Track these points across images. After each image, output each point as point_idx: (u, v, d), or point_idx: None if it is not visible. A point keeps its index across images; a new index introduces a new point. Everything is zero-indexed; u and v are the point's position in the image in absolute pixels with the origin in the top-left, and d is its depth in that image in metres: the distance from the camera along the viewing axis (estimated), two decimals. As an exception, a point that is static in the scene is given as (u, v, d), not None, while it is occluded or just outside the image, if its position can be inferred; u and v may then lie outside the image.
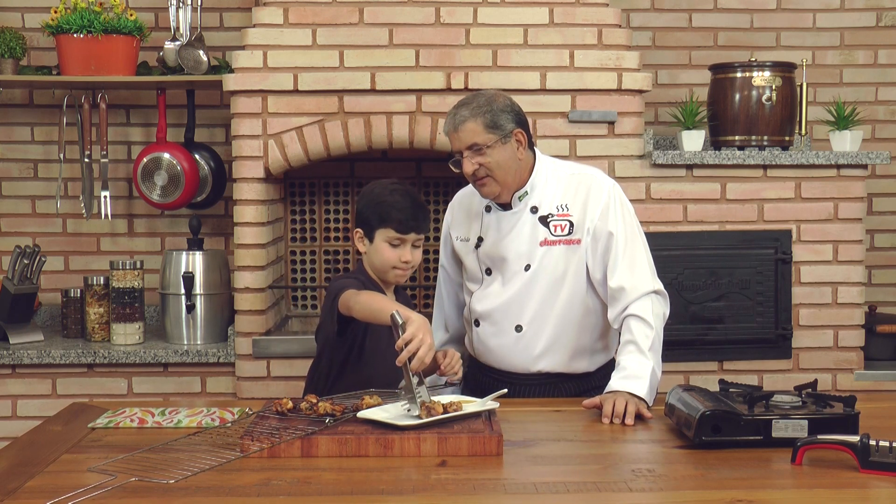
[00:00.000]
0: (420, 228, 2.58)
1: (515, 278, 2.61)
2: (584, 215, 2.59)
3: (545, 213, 2.61)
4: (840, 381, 3.69)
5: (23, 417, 3.60)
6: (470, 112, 2.53)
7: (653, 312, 2.52)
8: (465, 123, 2.52)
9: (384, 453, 2.01)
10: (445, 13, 3.54)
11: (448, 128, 2.57)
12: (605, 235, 2.57)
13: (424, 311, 4.06)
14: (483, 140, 2.52)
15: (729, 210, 3.65)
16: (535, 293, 2.59)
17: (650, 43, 4.22)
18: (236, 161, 3.56)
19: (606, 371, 2.63)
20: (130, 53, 3.77)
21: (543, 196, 2.62)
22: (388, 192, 2.58)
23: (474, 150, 2.53)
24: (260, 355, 3.56)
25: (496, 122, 2.53)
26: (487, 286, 2.66)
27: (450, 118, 2.57)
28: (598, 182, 2.64)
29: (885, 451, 1.85)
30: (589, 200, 2.60)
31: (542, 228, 2.60)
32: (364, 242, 2.61)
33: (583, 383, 2.68)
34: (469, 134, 2.52)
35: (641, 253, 2.60)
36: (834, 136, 3.76)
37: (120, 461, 1.95)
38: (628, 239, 2.58)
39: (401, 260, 2.56)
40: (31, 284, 3.74)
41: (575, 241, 2.59)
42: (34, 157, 4.10)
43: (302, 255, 4.04)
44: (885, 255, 4.29)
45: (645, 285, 2.55)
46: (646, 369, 2.44)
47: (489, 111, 2.53)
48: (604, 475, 1.90)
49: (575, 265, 2.59)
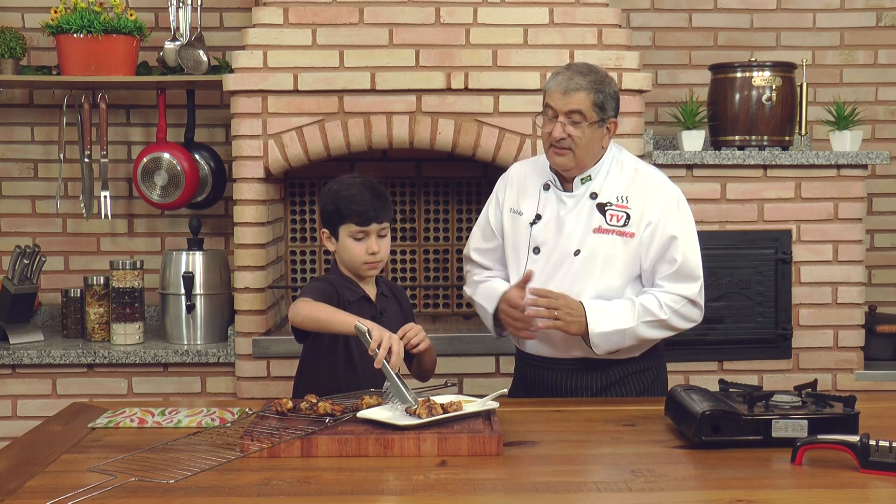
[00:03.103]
0: (380, 217, 2.53)
1: (564, 261, 2.58)
2: (642, 211, 2.57)
3: (604, 200, 2.59)
4: (840, 381, 3.69)
5: (23, 417, 3.60)
6: (587, 83, 2.52)
7: (674, 310, 2.53)
8: (578, 91, 2.51)
9: (384, 453, 2.01)
10: (445, 13, 3.54)
11: (556, 85, 2.53)
12: (665, 237, 2.55)
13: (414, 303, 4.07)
14: (587, 114, 2.51)
15: (729, 210, 3.65)
16: (581, 278, 2.56)
17: (650, 43, 4.22)
18: (236, 161, 3.56)
19: (652, 353, 2.65)
20: (130, 53, 3.77)
21: (605, 184, 2.61)
22: (345, 187, 2.55)
23: (573, 119, 2.52)
24: (260, 355, 3.56)
25: (603, 105, 2.53)
26: (533, 266, 2.61)
27: (561, 78, 2.53)
28: (662, 182, 2.64)
29: (885, 451, 1.86)
30: (650, 197, 2.59)
31: (598, 216, 2.58)
32: (332, 241, 2.59)
33: (629, 367, 2.64)
34: (576, 102, 2.50)
35: (696, 263, 2.58)
36: (834, 136, 3.77)
37: (120, 461, 1.95)
38: (688, 250, 2.56)
39: (368, 252, 2.53)
40: (31, 284, 3.74)
41: (629, 234, 2.56)
42: (34, 157, 4.10)
43: (302, 255, 4.04)
44: (885, 255, 4.29)
45: (685, 291, 2.55)
46: (620, 321, 2.48)
47: (602, 91, 2.53)
48: (604, 475, 1.91)
49: (624, 257, 2.56)
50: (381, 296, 2.64)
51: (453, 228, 4.07)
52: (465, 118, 3.52)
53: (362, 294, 2.58)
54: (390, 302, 2.66)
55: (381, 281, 2.68)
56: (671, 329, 2.57)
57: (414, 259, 4.08)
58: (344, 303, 2.52)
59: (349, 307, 2.50)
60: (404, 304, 2.73)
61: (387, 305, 2.64)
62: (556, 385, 2.64)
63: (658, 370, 2.71)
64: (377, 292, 2.63)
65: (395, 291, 2.72)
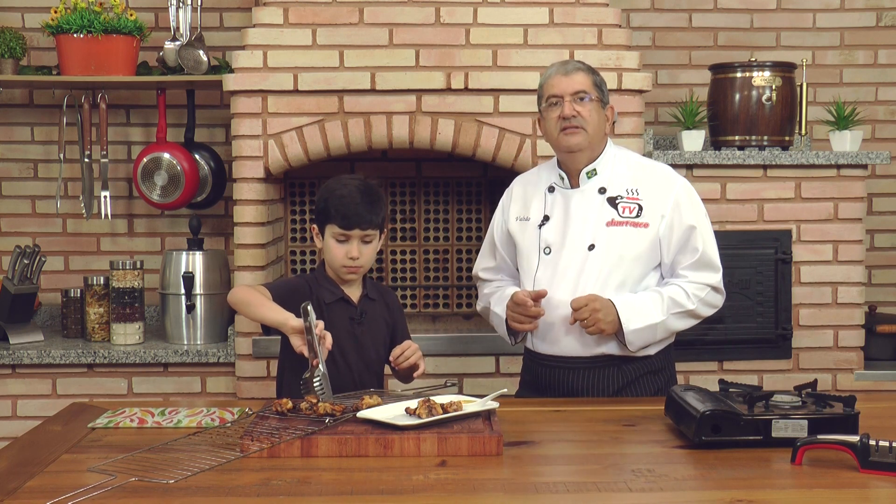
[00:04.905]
0: (364, 224, 2.50)
1: (578, 257, 2.58)
2: (654, 201, 2.59)
3: (614, 194, 2.61)
4: (840, 381, 3.69)
5: (23, 417, 3.60)
6: (584, 66, 2.64)
7: (700, 298, 2.57)
8: (578, 72, 2.61)
9: (384, 453, 2.01)
10: (445, 13, 3.54)
11: (555, 72, 2.62)
12: (684, 227, 2.58)
13: (414, 303, 4.07)
14: (591, 92, 2.58)
15: (729, 210, 3.65)
16: (596, 273, 2.56)
17: (650, 43, 4.22)
18: (236, 161, 3.56)
19: (667, 353, 2.66)
20: (130, 53, 3.77)
21: (612, 178, 2.63)
22: (340, 187, 2.54)
23: (579, 98, 2.58)
24: (260, 355, 3.56)
25: (601, 86, 2.64)
26: (545, 266, 2.61)
27: (559, 66, 2.64)
28: (669, 173, 2.67)
29: (885, 451, 1.85)
30: (661, 188, 2.61)
31: (610, 209, 2.60)
32: (319, 238, 2.58)
33: (643, 366, 2.63)
34: (579, 82, 2.59)
35: (715, 251, 2.63)
36: (834, 136, 3.77)
37: (120, 461, 1.95)
38: (707, 239, 2.60)
39: (347, 256, 2.50)
40: (31, 284, 3.74)
41: (642, 224, 2.58)
42: (34, 157, 4.10)
43: (302, 255, 4.04)
44: (885, 255, 4.29)
45: (708, 279, 2.60)
46: (651, 316, 2.51)
47: (598, 75, 2.64)
48: (604, 475, 1.90)
49: (639, 248, 2.57)
50: (366, 298, 2.61)
51: (453, 228, 4.07)
52: (465, 118, 3.52)
53: (341, 295, 2.56)
54: (376, 304, 2.63)
55: (369, 282, 2.65)
56: (698, 318, 2.62)
57: (414, 259, 4.08)
58: (319, 302, 2.50)
59: (325, 308, 2.49)
60: (393, 306, 2.69)
61: (370, 308, 2.61)
62: (570, 385, 2.61)
63: (671, 371, 2.71)
64: (361, 294, 2.60)
65: (383, 294, 2.69)
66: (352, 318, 2.55)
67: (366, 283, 2.64)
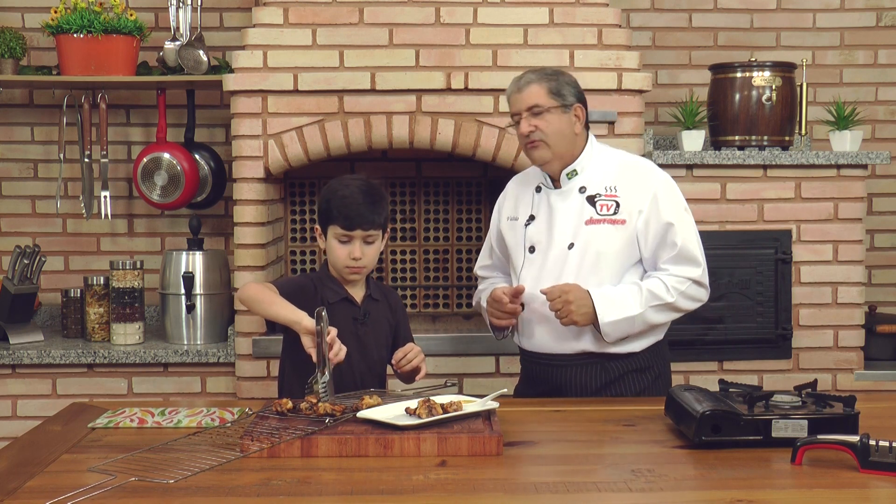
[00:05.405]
0: (367, 225, 2.49)
1: (558, 256, 2.61)
2: (632, 198, 2.60)
3: (593, 192, 2.63)
4: (840, 381, 3.69)
5: (23, 417, 3.60)
6: (536, 77, 2.61)
7: (680, 291, 2.56)
8: (529, 85, 2.60)
9: (384, 453, 2.01)
10: (445, 13, 3.54)
11: (511, 90, 2.64)
12: (661, 224, 2.57)
13: (414, 303, 4.07)
14: (544, 103, 2.57)
15: (729, 210, 3.65)
16: (576, 271, 2.58)
17: (650, 43, 4.22)
18: (236, 161, 3.56)
19: (654, 351, 2.66)
20: (130, 53, 3.77)
21: (592, 177, 2.64)
22: (342, 187, 2.53)
23: (534, 112, 2.58)
24: (260, 355, 3.56)
25: (560, 91, 2.60)
26: (530, 265, 2.65)
27: (514, 81, 2.64)
28: (651, 169, 2.67)
29: (885, 451, 1.85)
30: (639, 184, 2.62)
31: (589, 207, 2.61)
32: (322, 239, 2.58)
33: (629, 363, 2.64)
34: (532, 96, 2.58)
35: (695, 246, 2.62)
36: (834, 136, 3.77)
37: (120, 461, 1.95)
38: (686, 235, 2.59)
39: (350, 257, 2.50)
40: (31, 284, 3.74)
41: (619, 221, 2.59)
42: (34, 157, 4.10)
43: (302, 255, 4.04)
44: (885, 255, 4.29)
45: (689, 273, 2.58)
46: (628, 308, 2.52)
47: (555, 80, 2.61)
48: (604, 475, 1.90)
49: (618, 244, 2.59)
50: (369, 298, 2.61)
51: (453, 228, 4.07)
52: (465, 118, 3.52)
53: (344, 295, 2.56)
54: (379, 305, 2.63)
55: (372, 283, 2.65)
56: (679, 311, 2.61)
57: (414, 259, 4.08)
58: (323, 302, 2.50)
59: (329, 307, 2.49)
60: (395, 307, 2.70)
61: (374, 308, 2.61)
62: (557, 380, 2.65)
63: (660, 370, 2.70)
64: (365, 294, 2.61)
65: (387, 294, 2.70)
66: (355, 319, 2.55)
67: (369, 283, 2.64)
